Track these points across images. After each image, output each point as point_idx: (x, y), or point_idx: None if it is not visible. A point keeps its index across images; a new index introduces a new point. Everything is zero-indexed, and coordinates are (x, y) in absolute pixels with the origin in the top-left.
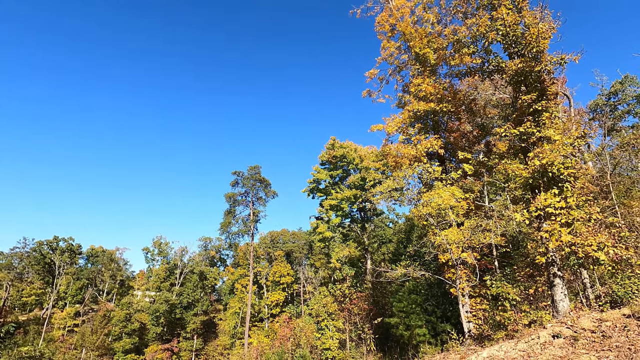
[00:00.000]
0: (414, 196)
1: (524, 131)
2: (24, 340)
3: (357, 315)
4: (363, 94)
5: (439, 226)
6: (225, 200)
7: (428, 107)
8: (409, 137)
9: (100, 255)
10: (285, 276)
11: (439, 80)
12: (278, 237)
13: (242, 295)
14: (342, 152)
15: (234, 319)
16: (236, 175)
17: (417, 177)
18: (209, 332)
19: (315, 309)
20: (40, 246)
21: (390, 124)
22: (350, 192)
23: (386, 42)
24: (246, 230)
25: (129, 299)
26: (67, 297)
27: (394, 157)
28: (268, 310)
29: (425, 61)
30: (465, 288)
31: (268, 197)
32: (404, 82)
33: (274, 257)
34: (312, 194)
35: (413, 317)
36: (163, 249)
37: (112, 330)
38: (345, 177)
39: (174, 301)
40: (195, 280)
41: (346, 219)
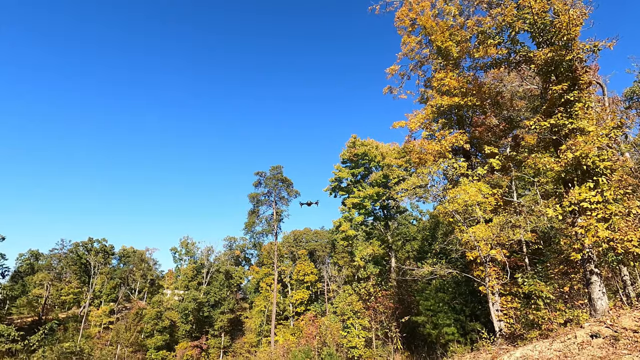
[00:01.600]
0: (439, 193)
1: (555, 123)
2: (64, 336)
3: (383, 314)
4: (384, 90)
5: (466, 223)
6: (249, 201)
7: (452, 102)
8: (433, 132)
9: (132, 256)
10: (309, 275)
11: (463, 73)
12: (301, 236)
13: (267, 294)
14: (364, 149)
15: (260, 317)
16: (259, 175)
17: (442, 173)
18: (236, 329)
19: (340, 307)
20: (76, 247)
21: (413, 120)
22: (372, 189)
23: (406, 37)
24: (270, 230)
25: (159, 297)
26: (102, 296)
27: (417, 154)
28: (293, 309)
29: (447, 55)
30: (495, 286)
31: (290, 197)
32: (425, 77)
33: (298, 256)
34: (334, 193)
35: (441, 316)
36: (190, 249)
37: (145, 328)
38: (367, 175)
39: (202, 299)
40: (221, 279)
41: (369, 217)
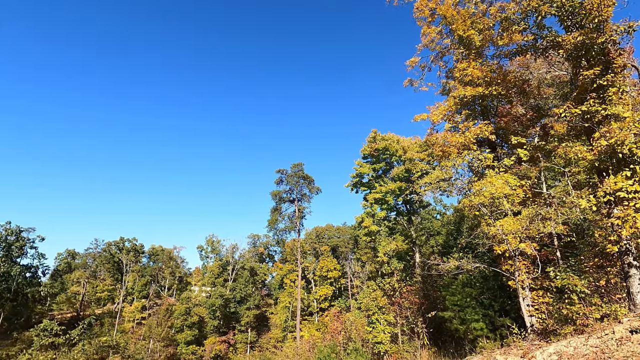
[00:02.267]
0: (463, 186)
1: (587, 110)
2: (101, 331)
3: (408, 309)
4: (404, 83)
5: (493, 216)
6: (271, 198)
7: (475, 92)
8: (456, 124)
9: (160, 254)
10: (332, 271)
11: (486, 62)
12: (323, 233)
13: (291, 290)
14: (384, 144)
15: (285, 313)
16: (280, 173)
17: (467, 165)
18: (262, 325)
19: (364, 302)
20: (109, 247)
21: (435, 112)
22: (394, 184)
23: (426, 27)
24: (292, 227)
25: (188, 294)
26: (134, 293)
27: (440, 147)
28: (317, 305)
29: (469, 44)
30: (526, 280)
31: (312, 194)
32: (447, 67)
33: (320, 252)
34: (356, 188)
35: (468, 311)
36: (215, 247)
37: (175, 323)
38: (388, 170)
39: (228, 296)
40: (246, 276)
41: (392, 212)
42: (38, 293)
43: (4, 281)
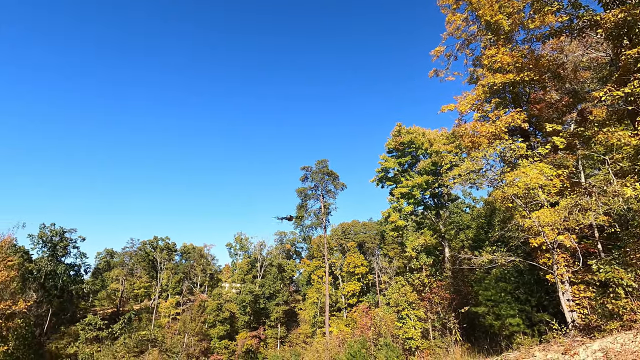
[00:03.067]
0: (495, 177)
1: (630, 92)
2: (139, 326)
3: (439, 305)
4: (429, 74)
5: (528, 208)
6: (297, 195)
7: (505, 79)
8: (485, 114)
9: (192, 252)
10: (359, 266)
11: (516, 47)
12: (349, 229)
13: (318, 286)
14: (410, 137)
15: (313, 309)
16: (305, 170)
17: (498, 156)
18: (291, 320)
19: (393, 298)
20: (144, 245)
21: (463, 102)
22: (421, 178)
23: (451, 15)
24: (318, 223)
25: (219, 290)
26: (169, 289)
27: (469, 137)
28: (345, 300)
29: (497, 29)
30: (565, 274)
31: (337, 190)
32: (474, 55)
33: (347, 248)
34: (381, 183)
35: (503, 307)
36: (244, 244)
37: (207, 319)
38: (414, 164)
39: (257, 292)
40: (274, 273)
41: (419, 206)
42: (81, 290)
43: (51, 279)
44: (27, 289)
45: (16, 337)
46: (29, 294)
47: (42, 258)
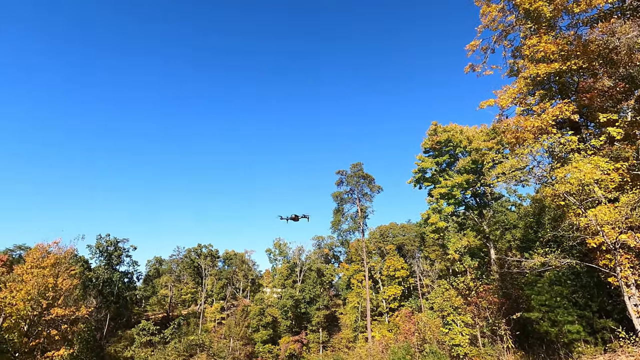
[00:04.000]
0: (543, 174)
1: None
2: (188, 330)
3: (487, 310)
4: (465, 69)
5: (583, 205)
6: (333, 200)
7: (550, 69)
8: (529, 107)
9: (233, 258)
10: (400, 270)
11: (561, 34)
12: (387, 231)
13: (358, 290)
14: (447, 136)
15: (354, 313)
16: (340, 174)
17: (546, 151)
18: (332, 325)
19: (437, 302)
20: (189, 253)
21: (503, 97)
22: (461, 177)
23: (486, 7)
24: (356, 227)
25: (260, 295)
26: (213, 295)
27: (512, 133)
28: (386, 305)
29: (538, 17)
30: (631, 277)
31: (373, 193)
32: (513, 46)
33: (386, 252)
34: (419, 184)
35: (560, 312)
36: (283, 250)
37: (251, 323)
38: (453, 163)
39: (298, 297)
40: (313, 277)
41: (460, 206)
42: (134, 296)
43: (108, 286)
44: (87, 296)
45: (80, 341)
46: (89, 300)
47: (99, 267)
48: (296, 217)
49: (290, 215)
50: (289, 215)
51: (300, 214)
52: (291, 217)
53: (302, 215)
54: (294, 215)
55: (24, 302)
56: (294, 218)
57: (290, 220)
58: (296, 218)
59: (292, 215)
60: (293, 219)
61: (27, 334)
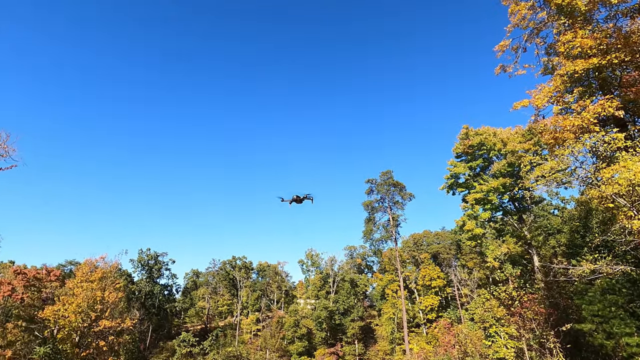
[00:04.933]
0: (588, 175)
1: None
2: (225, 342)
3: (533, 321)
4: (496, 71)
5: (635, 207)
6: (364, 209)
7: (588, 64)
8: (567, 105)
9: (267, 270)
10: (436, 279)
11: (598, 27)
12: (421, 240)
13: (393, 301)
14: (479, 139)
15: (390, 325)
16: (370, 183)
17: (589, 151)
18: (368, 337)
19: (478, 313)
20: (224, 265)
21: (539, 96)
22: (496, 181)
23: (514, 5)
24: (388, 236)
25: (294, 306)
26: (249, 306)
27: (550, 133)
28: (423, 316)
29: (572, 11)
30: None
31: (405, 200)
32: (546, 44)
33: (420, 260)
34: (452, 190)
35: (615, 323)
36: (315, 260)
37: (286, 335)
38: (487, 166)
39: (332, 308)
40: (347, 288)
41: (497, 212)
42: (174, 308)
43: (150, 299)
44: (131, 308)
45: (126, 352)
46: (133, 312)
47: (141, 280)
48: (298, 198)
49: (292, 197)
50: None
51: (302, 195)
52: (293, 198)
53: (304, 195)
54: (295, 197)
55: (75, 314)
56: (296, 200)
57: (293, 202)
58: (299, 200)
59: (294, 196)
60: (295, 200)
61: (78, 344)
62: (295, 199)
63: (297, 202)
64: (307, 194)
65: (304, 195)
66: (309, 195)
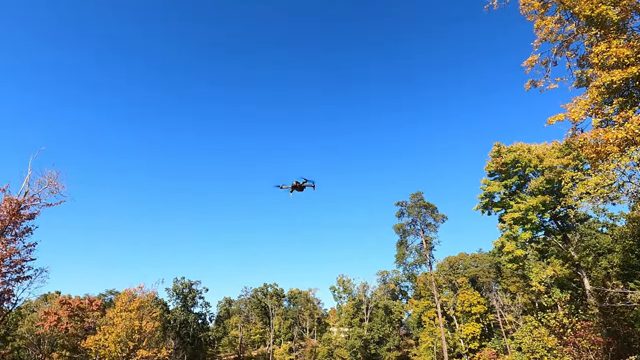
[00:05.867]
0: (638, 189)
1: None
2: None
3: (590, 351)
4: (526, 86)
5: None
6: (395, 232)
7: (626, 74)
8: (607, 117)
9: (298, 297)
10: (476, 305)
11: (634, 35)
12: (457, 263)
13: (431, 329)
14: (512, 156)
15: (429, 354)
16: (400, 205)
17: (637, 164)
18: None
19: (526, 342)
20: (256, 293)
21: (574, 109)
22: (535, 199)
23: (540, 20)
24: (422, 260)
25: (327, 335)
26: (281, 335)
27: (592, 147)
28: (464, 345)
29: (603, 22)
30: None
31: (437, 222)
32: (577, 56)
33: (458, 285)
34: (487, 210)
35: None
36: (347, 286)
37: None
38: (523, 184)
39: (367, 337)
40: (381, 315)
41: (538, 231)
42: (208, 337)
43: (184, 327)
44: (167, 337)
45: None
46: (168, 341)
47: (176, 309)
48: (299, 184)
49: (291, 183)
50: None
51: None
52: (293, 185)
53: (303, 180)
54: (295, 183)
55: (114, 344)
56: (296, 186)
57: (293, 190)
58: (300, 187)
59: (293, 182)
60: (295, 187)
61: None
62: (295, 185)
63: (298, 190)
64: (305, 179)
65: (304, 180)
66: (309, 182)
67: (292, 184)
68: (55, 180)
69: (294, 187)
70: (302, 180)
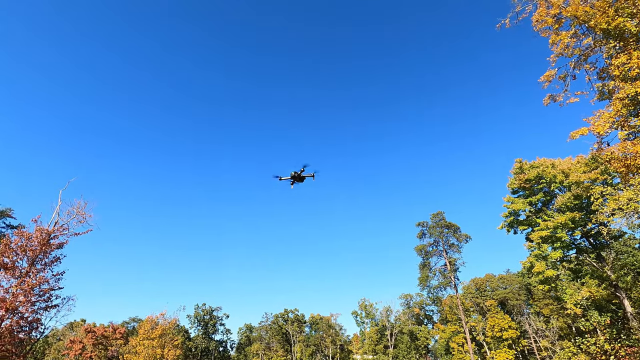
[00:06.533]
0: None
1: None
2: None
3: None
4: (544, 101)
5: None
6: (417, 254)
7: None
8: (635, 130)
9: (319, 322)
10: (507, 329)
11: None
12: (484, 285)
13: (460, 356)
14: (536, 172)
15: None
16: (421, 226)
17: None
18: None
19: None
20: (277, 319)
21: (598, 122)
22: (563, 216)
23: (554, 36)
24: (447, 282)
25: None
26: None
27: (621, 161)
28: None
29: (621, 34)
30: None
31: (461, 243)
32: (597, 68)
33: (486, 308)
34: (512, 228)
35: None
36: (369, 311)
37: None
38: (549, 201)
39: None
40: (406, 341)
41: (569, 250)
42: None
43: (206, 355)
44: None
45: None
46: None
47: (197, 336)
48: (298, 175)
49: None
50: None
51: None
52: (292, 175)
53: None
54: (294, 173)
55: None
56: (295, 177)
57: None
58: (299, 177)
59: (292, 173)
60: (295, 177)
61: None
62: (294, 175)
63: (299, 181)
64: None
65: (302, 169)
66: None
67: (291, 174)
68: (83, 210)
69: (293, 177)
70: (301, 170)
